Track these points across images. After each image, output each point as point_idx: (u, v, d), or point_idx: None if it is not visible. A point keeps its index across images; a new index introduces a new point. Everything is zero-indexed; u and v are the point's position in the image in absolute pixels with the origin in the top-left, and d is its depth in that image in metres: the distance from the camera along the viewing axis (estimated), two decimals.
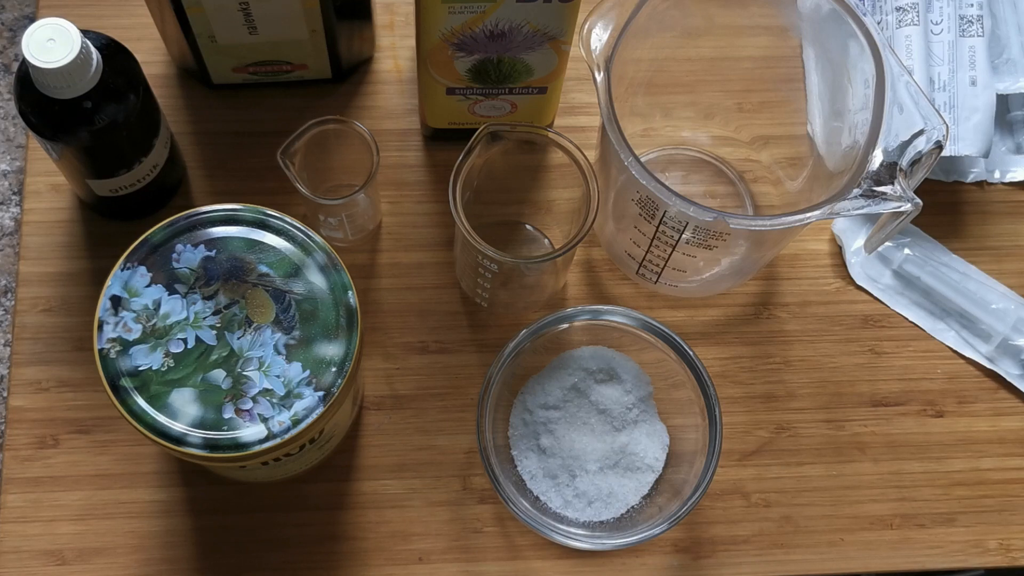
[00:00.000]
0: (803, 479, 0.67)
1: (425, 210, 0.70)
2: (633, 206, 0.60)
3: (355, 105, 0.73)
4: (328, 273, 0.54)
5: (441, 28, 0.58)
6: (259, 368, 0.52)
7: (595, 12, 0.57)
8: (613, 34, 0.56)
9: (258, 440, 0.51)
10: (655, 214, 0.59)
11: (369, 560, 0.64)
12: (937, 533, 0.66)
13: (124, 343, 0.52)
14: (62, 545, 0.63)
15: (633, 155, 0.55)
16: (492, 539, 0.65)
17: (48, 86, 0.56)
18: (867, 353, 0.69)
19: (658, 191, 0.55)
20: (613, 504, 0.64)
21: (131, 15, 0.71)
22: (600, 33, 0.56)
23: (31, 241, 0.68)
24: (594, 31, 0.56)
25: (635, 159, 0.55)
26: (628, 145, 0.55)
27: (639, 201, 0.59)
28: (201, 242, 0.54)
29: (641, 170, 0.55)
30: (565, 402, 0.65)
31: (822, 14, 0.58)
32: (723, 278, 0.66)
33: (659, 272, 0.65)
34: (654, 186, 0.55)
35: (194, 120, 0.71)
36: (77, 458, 0.65)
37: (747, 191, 0.71)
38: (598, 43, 0.56)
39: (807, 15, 0.60)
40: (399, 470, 0.65)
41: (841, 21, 0.57)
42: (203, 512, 0.64)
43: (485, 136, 0.58)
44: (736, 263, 0.64)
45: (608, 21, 0.57)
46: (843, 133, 0.60)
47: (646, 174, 0.55)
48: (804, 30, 0.62)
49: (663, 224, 0.59)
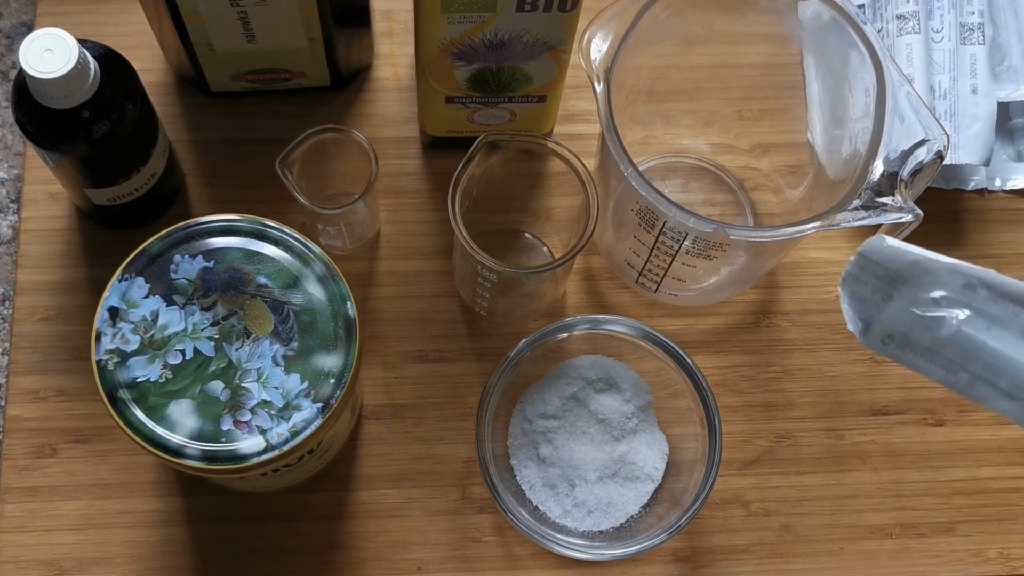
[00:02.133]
0: (803, 488, 0.67)
1: (424, 218, 0.70)
2: (633, 216, 0.60)
3: (354, 113, 0.72)
4: (327, 284, 0.54)
5: (440, 37, 0.58)
6: (257, 380, 0.52)
7: (594, 22, 0.57)
8: (613, 44, 0.56)
9: (256, 452, 0.51)
10: (655, 224, 0.59)
11: (368, 570, 0.64)
12: (937, 542, 0.66)
13: (122, 354, 0.52)
14: (60, 555, 0.63)
15: (633, 166, 0.55)
16: (491, 549, 0.65)
17: (45, 96, 0.56)
18: (867, 362, 0.69)
19: (657, 202, 0.55)
20: (612, 514, 0.63)
21: (129, 23, 0.71)
22: (599, 43, 0.56)
23: (28, 250, 0.68)
24: (594, 41, 0.56)
25: (635, 170, 0.55)
26: (628, 155, 0.55)
27: (639, 211, 0.59)
28: (199, 253, 0.54)
29: (641, 181, 0.55)
30: (564, 411, 0.65)
31: (822, 23, 0.58)
32: (723, 287, 0.66)
33: (659, 281, 0.65)
34: (654, 197, 0.55)
35: (192, 128, 0.71)
36: (75, 468, 0.64)
37: (747, 199, 0.71)
38: (598, 53, 0.56)
39: (807, 24, 0.60)
40: (398, 479, 0.65)
41: (842, 30, 0.57)
42: (201, 522, 0.64)
43: (484, 145, 0.58)
44: (736, 272, 0.64)
45: (608, 31, 0.56)
46: (844, 142, 0.60)
47: (646, 185, 0.55)
48: (804, 39, 0.62)
49: (663, 234, 0.59)
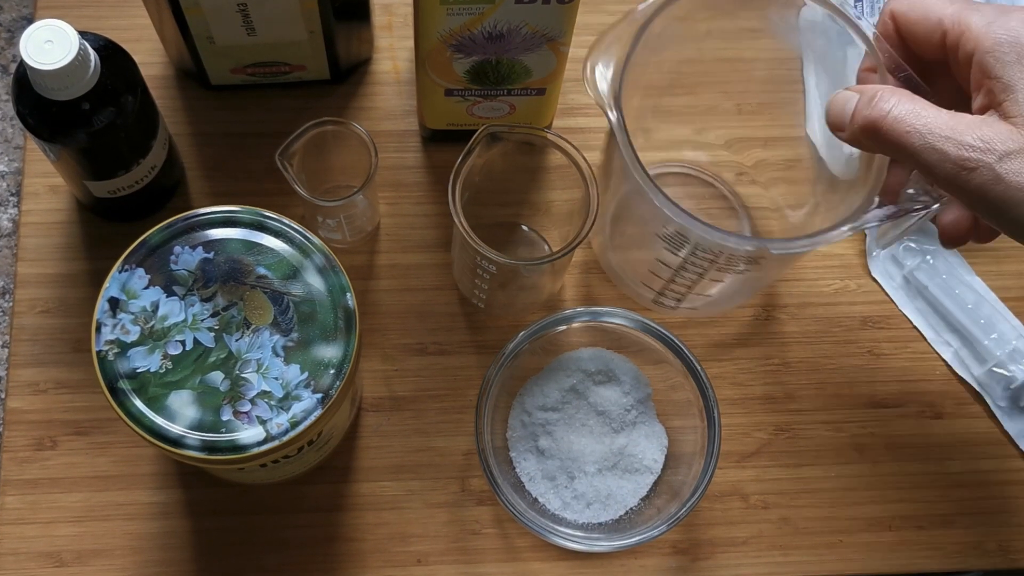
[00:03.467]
0: (802, 480, 0.67)
1: (423, 211, 0.70)
2: (658, 240, 0.59)
3: (353, 106, 0.72)
4: (326, 275, 0.54)
5: (440, 29, 0.58)
6: (257, 370, 0.52)
7: (594, 51, 0.55)
8: (617, 68, 0.54)
9: (256, 442, 0.51)
10: (683, 246, 0.58)
11: (367, 562, 0.64)
12: (936, 535, 0.66)
13: (122, 345, 0.52)
14: (60, 547, 0.63)
15: (664, 195, 0.53)
16: (491, 541, 0.65)
17: (46, 88, 0.56)
18: (866, 355, 0.69)
19: (695, 227, 0.53)
20: (612, 506, 0.64)
21: (129, 16, 0.71)
22: (604, 71, 0.54)
23: (29, 242, 0.68)
24: (597, 70, 0.54)
25: (666, 198, 0.53)
26: (656, 185, 0.53)
27: (665, 235, 0.58)
28: (199, 244, 0.54)
29: (675, 208, 0.53)
30: (564, 404, 0.65)
31: (824, 25, 0.58)
32: (740, 293, 0.66)
33: (680, 298, 0.64)
34: (688, 221, 0.53)
35: (192, 121, 0.71)
36: (75, 460, 0.64)
37: (740, 204, 0.71)
38: (604, 82, 0.54)
39: (805, 27, 0.59)
40: (397, 472, 0.65)
41: (839, 28, 0.56)
42: (201, 514, 0.64)
43: (485, 137, 0.58)
44: (758, 279, 0.64)
45: (609, 57, 0.54)
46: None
47: (681, 212, 0.53)
48: (803, 40, 0.61)
49: (693, 255, 0.58)
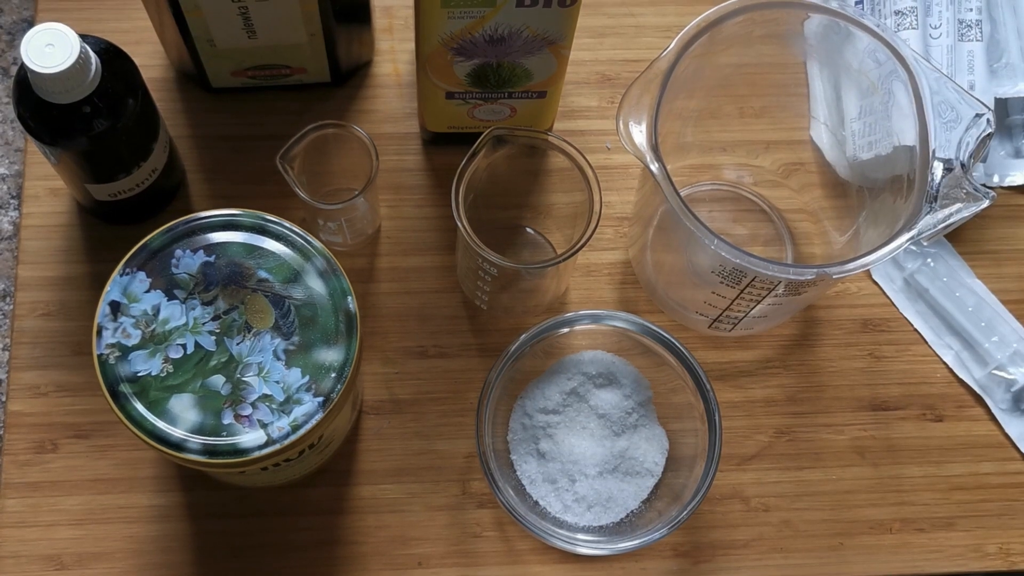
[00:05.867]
0: (802, 483, 0.67)
1: (424, 214, 0.70)
2: (713, 276, 0.59)
3: (354, 109, 0.72)
4: (327, 278, 0.54)
5: (440, 33, 0.58)
6: (258, 374, 0.52)
7: (624, 106, 0.54)
8: (649, 121, 0.54)
9: (257, 446, 0.51)
10: (740, 281, 0.58)
11: (368, 565, 0.64)
12: (937, 537, 0.66)
13: (123, 349, 0.52)
14: (61, 550, 0.63)
15: (723, 240, 0.53)
16: (491, 544, 0.65)
17: (47, 91, 0.56)
18: (867, 357, 0.69)
19: (756, 265, 0.53)
20: (612, 509, 0.64)
21: (130, 19, 0.71)
22: (637, 125, 0.54)
23: (29, 245, 0.68)
24: (631, 124, 0.54)
25: (725, 243, 0.53)
26: (712, 230, 0.53)
27: (722, 272, 0.58)
28: (200, 247, 0.54)
29: (737, 252, 0.53)
30: (565, 406, 0.65)
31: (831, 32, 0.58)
32: (788, 311, 0.66)
33: (736, 322, 0.65)
34: (750, 262, 0.53)
35: (193, 124, 0.71)
36: (76, 463, 0.64)
37: (784, 224, 0.71)
38: (640, 135, 0.53)
39: (811, 35, 0.59)
40: (398, 474, 0.65)
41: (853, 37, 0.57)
42: (202, 517, 0.64)
43: (490, 140, 0.58)
44: (811, 296, 0.65)
45: (640, 110, 0.54)
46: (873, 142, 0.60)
47: (742, 255, 0.53)
48: (809, 50, 0.61)
49: (750, 287, 0.58)
